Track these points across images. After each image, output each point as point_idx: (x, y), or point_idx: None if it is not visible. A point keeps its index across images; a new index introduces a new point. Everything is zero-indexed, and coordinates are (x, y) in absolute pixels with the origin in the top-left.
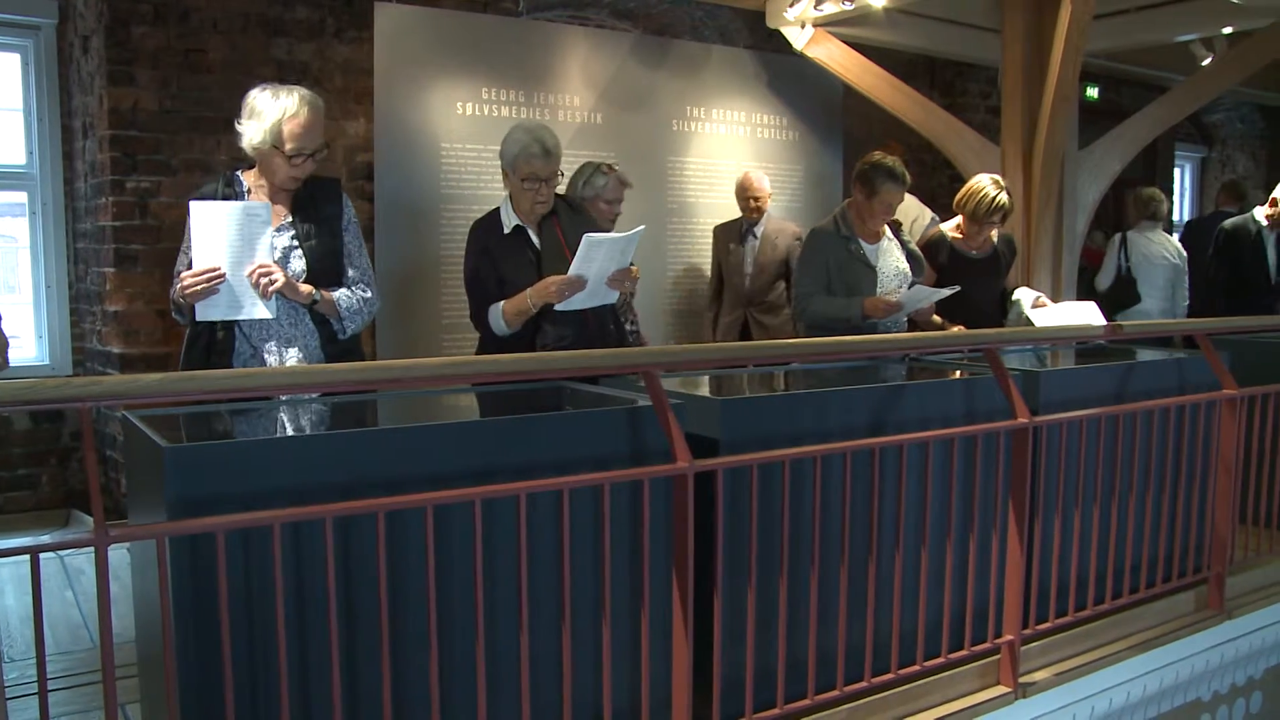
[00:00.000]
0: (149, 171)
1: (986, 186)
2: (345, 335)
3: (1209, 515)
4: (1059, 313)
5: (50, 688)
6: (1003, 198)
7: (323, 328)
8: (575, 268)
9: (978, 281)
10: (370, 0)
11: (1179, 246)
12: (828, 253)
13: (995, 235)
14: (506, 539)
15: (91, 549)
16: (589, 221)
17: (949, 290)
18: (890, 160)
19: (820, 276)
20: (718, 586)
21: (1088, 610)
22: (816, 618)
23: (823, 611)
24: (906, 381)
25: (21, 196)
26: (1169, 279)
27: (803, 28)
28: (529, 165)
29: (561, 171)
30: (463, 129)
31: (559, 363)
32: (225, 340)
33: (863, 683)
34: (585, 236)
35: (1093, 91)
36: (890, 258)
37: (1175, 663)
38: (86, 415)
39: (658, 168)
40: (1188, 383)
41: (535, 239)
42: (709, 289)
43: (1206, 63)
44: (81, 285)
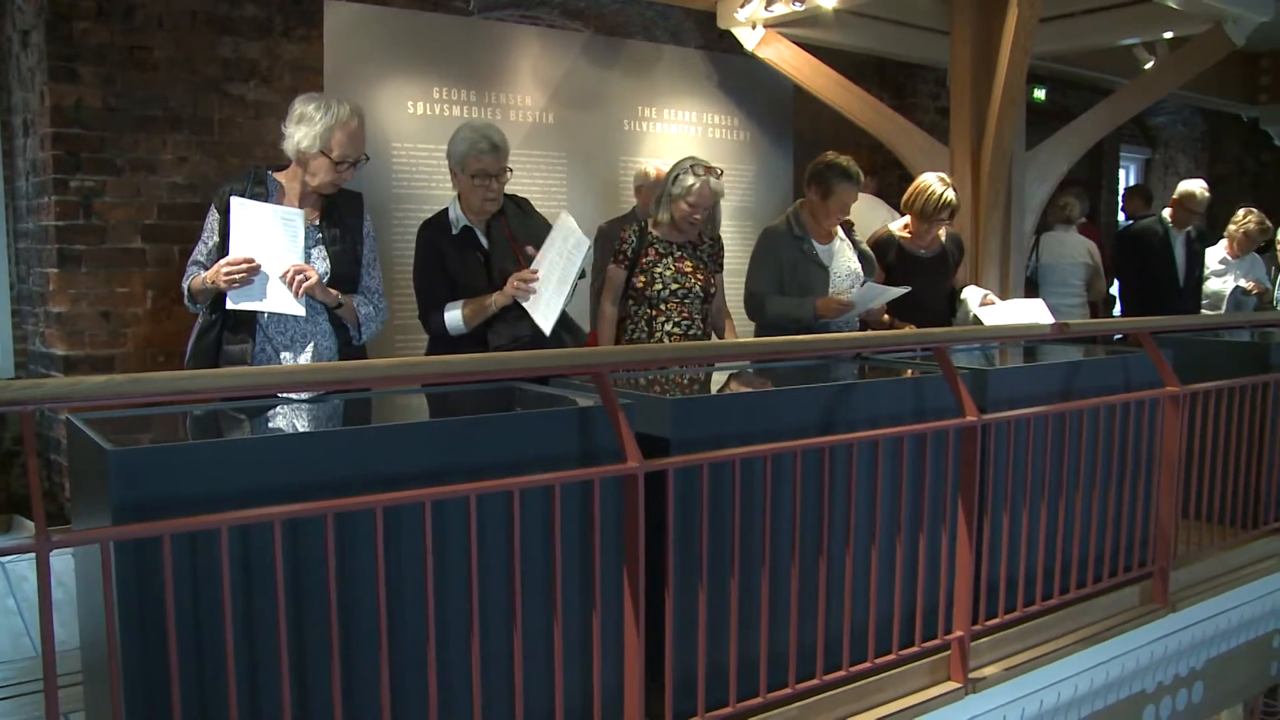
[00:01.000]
0: (93, 171)
1: (933, 184)
2: (359, 341)
3: (1153, 510)
4: (1006, 310)
5: None
6: (950, 195)
7: (340, 332)
8: (537, 263)
9: (926, 280)
10: None
11: (1092, 246)
12: (780, 252)
13: (944, 234)
14: (457, 540)
15: (33, 555)
16: (538, 221)
17: (900, 290)
18: (845, 160)
19: (773, 276)
20: (669, 586)
21: (1036, 606)
22: (768, 616)
23: (774, 610)
24: (856, 381)
25: None
26: (1083, 278)
27: (753, 28)
28: (479, 161)
29: (510, 168)
30: (414, 128)
31: (509, 363)
32: (246, 333)
33: (815, 680)
34: (561, 214)
35: (1040, 93)
36: (842, 258)
37: (1121, 656)
38: (28, 419)
39: (609, 168)
40: (1132, 380)
41: (483, 239)
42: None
43: (1149, 66)
44: (23, 286)
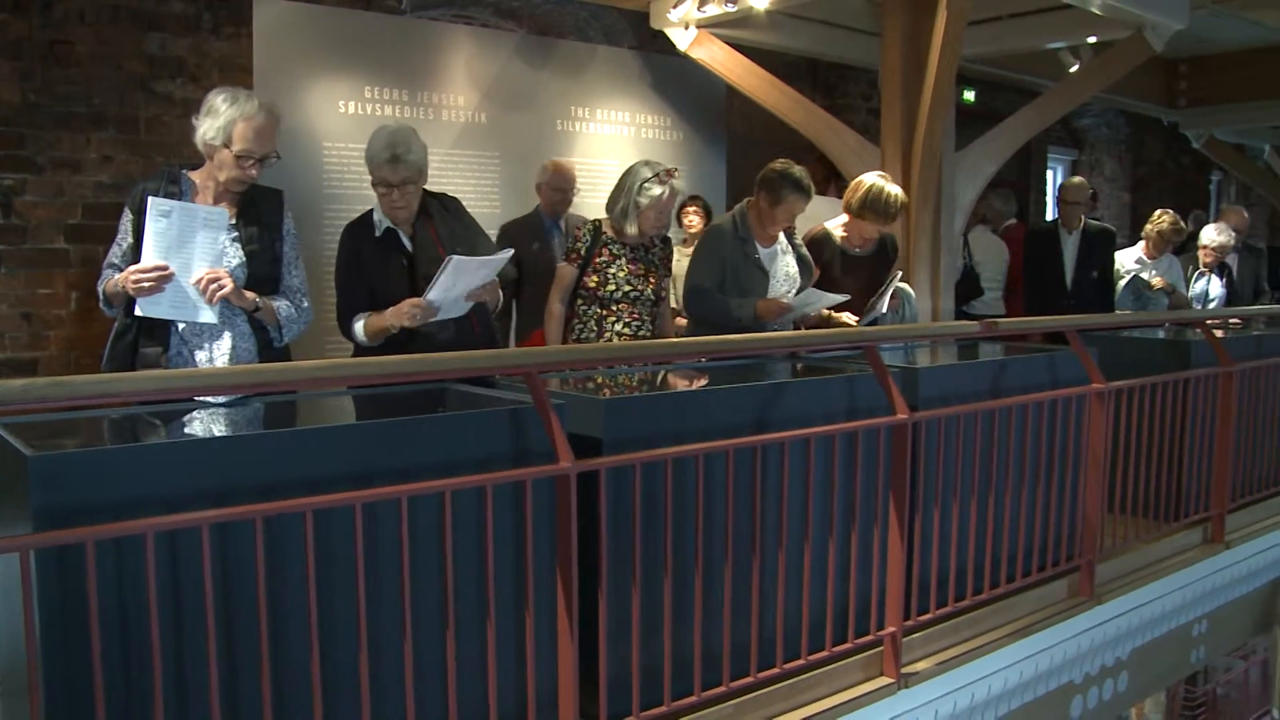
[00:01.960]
0: (12, 169)
1: (884, 185)
2: (281, 343)
3: (1080, 505)
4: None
5: None
6: (901, 192)
7: (260, 333)
8: (435, 293)
9: (863, 279)
10: None
11: (1003, 246)
12: (724, 251)
13: (879, 233)
14: (389, 542)
15: None
16: (465, 221)
17: (841, 297)
18: (798, 171)
19: (716, 274)
20: (603, 586)
21: (967, 600)
22: (702, 615)
23: (708, 608)
24: (788, 380)
25: None
26: (998, 278)
27: (686, 29)
28: (379, 171)
29: (414, 181)
30: (345, 128)
31: (440, 364)
32: (160, 336)
33: (749, 678)
34: (451, 259)
35: (970, 95)
36: (782, 262)
37: (1050, 648)
38: None
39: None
40: (1059, 378)
41: (407, 241)
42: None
43: (1074, 70)
44: None
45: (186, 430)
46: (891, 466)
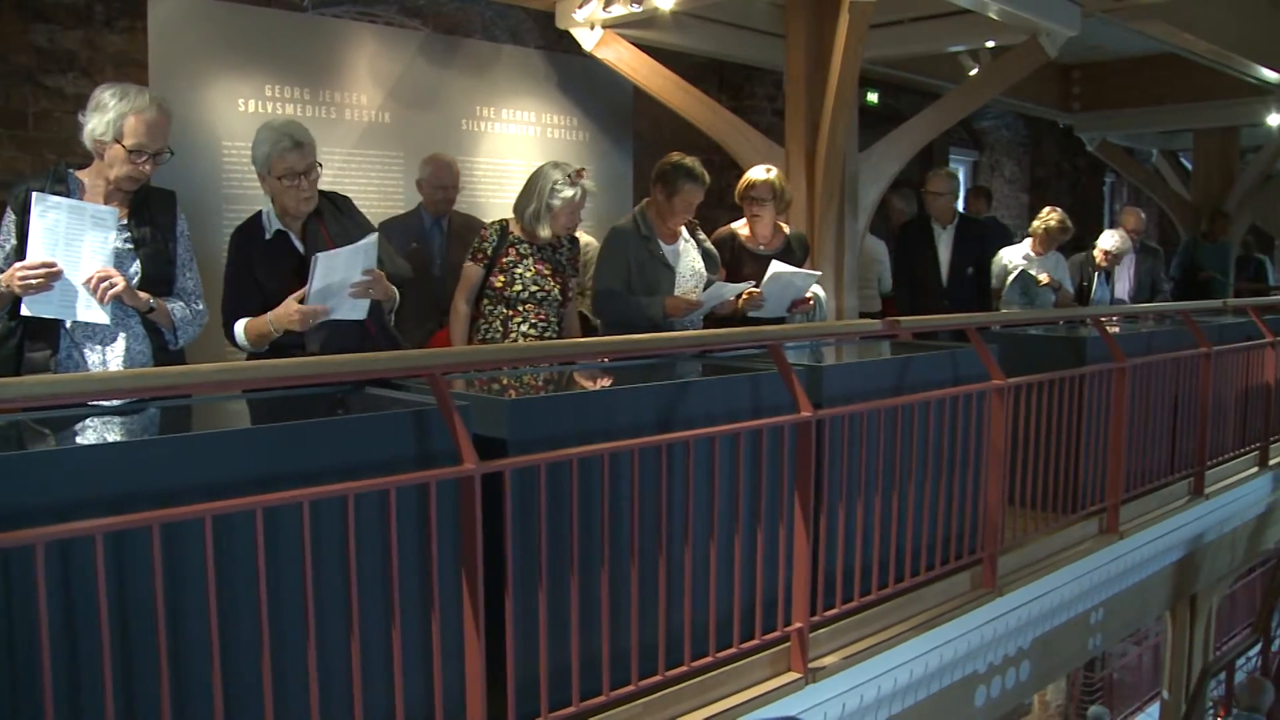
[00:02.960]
0: None
1: (752, 172)
2: (177, 346)
3: (981, 499)
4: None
5: None
6: (757, 175)
7: (155, 336)
8: (313, 295)
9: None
10: None
11: (883, 246)
12: (629, 251)
13: (787, 230)
14: (291, 547)
15: None
16: (357, 220)
17: (747, 286)
18: (690, 161)
19: (621, 274)
20: (509, 587)
21: (872, 595)
22: (610, 614)
23: (616, 608)
24: (693, 379)
25: None
26: (876, 275)
27: (592, 29)
28: (284, 161)
29: (320, 164)
30: (245, 127)
31: (341, 366)
32: (48, 339)
33: (657, 676)
34: (316, 258)
35: (873, 97)
36: (688, 258)
37: (954, 640)
38: None
39: None
40: (960, 374)
41: (299, 244)
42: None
43: (974, 73)
44: None
45: (78, 436)
46: (796, 464)
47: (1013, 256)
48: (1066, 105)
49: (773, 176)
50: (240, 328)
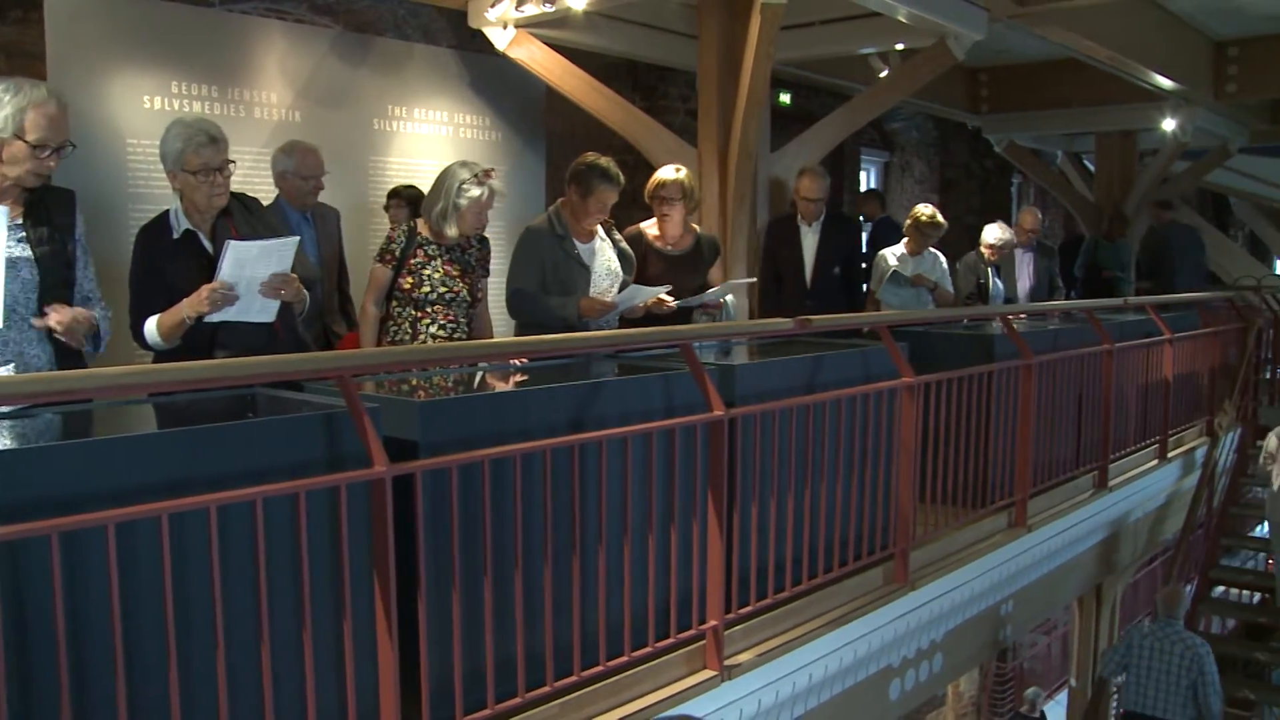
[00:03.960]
0: None
1: (661, 171)
2: (97, 353)
3: (893, 495)
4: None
5: None
6: (666, 175)
7: (58, 345)
8: (225, 274)
9: (677, 278)
10: None
11: None
12: (543, 252)
13: (698, 229)
14: (199, 553)
15: None
16: (266, 222)
17: (663, 289)
18: (605, 161)
19: (536, 274)
20: (421, 590)
21: (786, 592)
22: (524, 616)
23: (530, 609)
24: (607, 379)
25: None
26: None
27: (505, 28)
28: (199, 156)
29: (233, 160)
30: (150, 124)
31: (248, 369)
32: None
33: (573, 677)
34: (228, 244)
35: (785, 98)
36: (603, 257)
37: (868, 634)
38: None
39: (358, 167)
40: (872, 372)
41: (208, 244)
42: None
43: (884, 75)
44: None
45: None
46: (709, 463)
47: (889, 256)
48: (975, 107)
49: (682, 176)
50: (152, 323)
